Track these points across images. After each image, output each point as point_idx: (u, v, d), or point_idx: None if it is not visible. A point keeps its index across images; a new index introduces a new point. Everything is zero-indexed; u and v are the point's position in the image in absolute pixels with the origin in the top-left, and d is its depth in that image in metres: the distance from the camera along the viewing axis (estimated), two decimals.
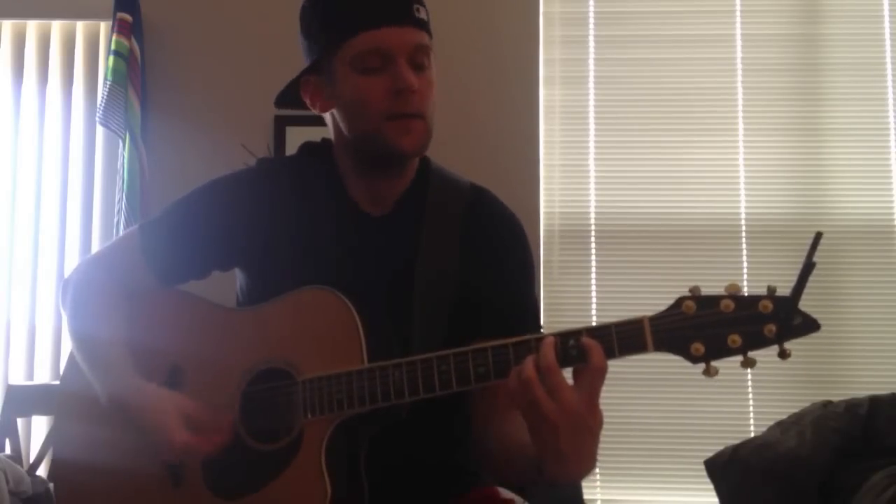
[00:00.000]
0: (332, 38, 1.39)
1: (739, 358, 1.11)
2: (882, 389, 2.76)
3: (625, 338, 1.14)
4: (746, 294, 1.12)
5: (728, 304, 1.11)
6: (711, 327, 1.12)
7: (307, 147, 1.55)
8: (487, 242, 1.47)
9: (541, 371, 1.12)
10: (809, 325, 1.10)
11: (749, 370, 1.12)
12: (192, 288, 1.51)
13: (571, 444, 1.12)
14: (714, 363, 1.12)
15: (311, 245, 1.43)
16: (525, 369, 1.13)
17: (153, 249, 1.48)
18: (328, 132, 1.51)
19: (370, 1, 1.37)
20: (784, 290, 1.12)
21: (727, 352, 1.11)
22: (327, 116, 1.47)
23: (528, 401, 1.12)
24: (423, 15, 1.40)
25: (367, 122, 1.38)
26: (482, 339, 1.24)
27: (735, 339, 1.11)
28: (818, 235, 1.10)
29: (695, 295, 1.13)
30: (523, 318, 1.44)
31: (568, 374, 1.14)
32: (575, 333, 1.15)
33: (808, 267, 1.10)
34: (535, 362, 1.13)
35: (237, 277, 1.55)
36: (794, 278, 1.10)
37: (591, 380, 1.12)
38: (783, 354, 1.11)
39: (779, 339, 1.10)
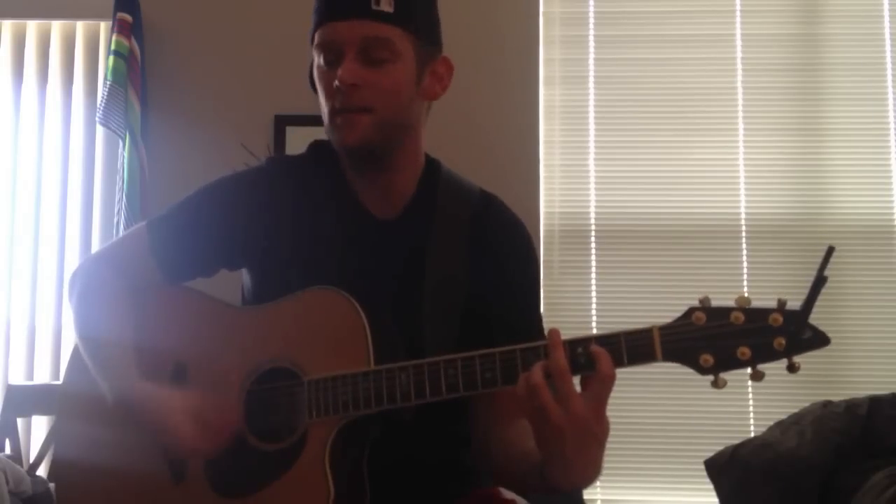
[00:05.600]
0: (310, 32, 1.42)
1: (748, 370, 1.12)
2: (882, 389, 2.76)
3: (634, 347, 1.14)
4: (757, 306, 1.12)
5: (738, 317, 1.11)
6: (721, 339, 1.12)
7: (315, 146, 1.54)
8: (496, 251, 1.47)
9: (551, 376, 1.12)
10: (819, 340, 1.10)
11: (749, 371, 1.13)
12: (199, 285, 1.50)
13: (577, 451, 1.12)
14: (722, 374, 1.12)
15: (318, 247, 1.43)
16: (534, 375, 1.12)
17: (160, 247, 1.47)
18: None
19: None
20: (786, 292, 1.12)
21: (736, 364, 1.11)
22: None
23: (536, 406, 1.12)
24: (384, 7, 1.36)
25: (324, 116, 1.40)
26: (488, 346, 1.23)
27: (744, 352, 1.11)
28: (830, 250, 1.10)
29: (705, 306, 1.13)
30: (527, 330, 1.41)
31: (576, 382, 1.14)
32: (584, 341, 1.15)
33: (819, 281, 1.10)
34: (545, 368, 1.13)
35: (242, 277, 1.54)
36: (800, 284, 1.10)
37: (599, 388, 1.12)
38: (792, 368, 1.11)
39: (788, 352, 1.10)
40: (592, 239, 3.31)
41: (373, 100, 1.36)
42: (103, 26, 3.39)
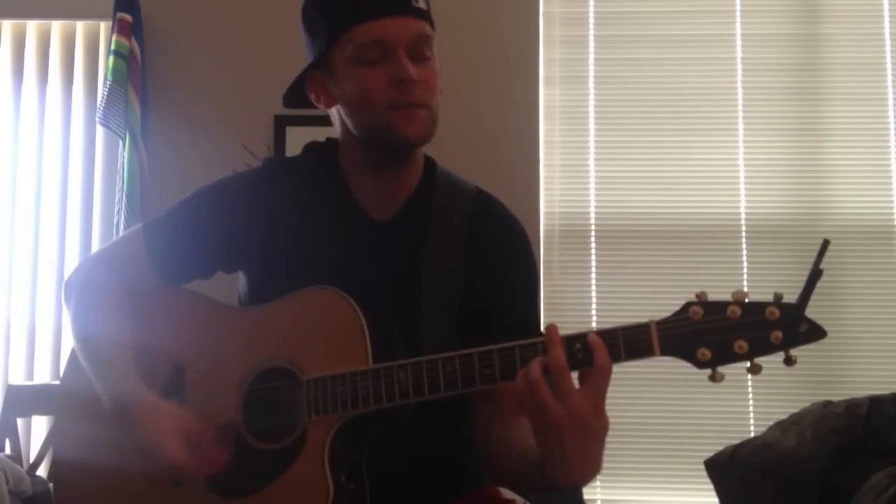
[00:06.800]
0: (333, 31, 1.38)
1: (746, 364, 1.12)
2: (882, 389, 2.76)
3: (632, 342, 1.14)
4: (753, 300, 1.12)
5: (735, 310, 1.11)
6: (718, 333, 1.12)
7: (311, 148, 1.54)
8: (493, 250, 1.47)
9: (550, 372, 1.12)
10: (816, 333, 1.11)
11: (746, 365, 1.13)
12: (197, 287, 1.50)
13: (577, 447, 1.11)
14: (720, 368, 1.12)
15: (315, 248, 1.43)
16: (532, 371, 1.12)
17: (157, 249, 1.47)
18: (329, 132, 1.51)
19: None
20: (786, 291, 1.12)
21: (733, 357, 1.11)
22: (333, 113, 1.46)
23: (535, 403, 1.11)
24: (422, 4, 1.38)
25: (371, 113, 1.37)
26: (486, 344, 1.23)
27: (741, 345, 1.11)
28: (825, 243, 1.10)
29: (702, 300, 1.13)
30: (525, 329, 1.41)
31: (574, 379, 1.13)
32: (581, 336, 1.15)
33: (815, 274, 1.10)
34: (543, 364, 1.13)
35: (239, 280, 1.54)
36: (800, 283, 1.10)
37: (597, 381, 1.12)
38: (789, 361, 1.11)
39: (785, 345, 1.10)
40: (592, 239, 3.31)
41: (427, 96, 1.37)
42: (103, 26, 3.39)
